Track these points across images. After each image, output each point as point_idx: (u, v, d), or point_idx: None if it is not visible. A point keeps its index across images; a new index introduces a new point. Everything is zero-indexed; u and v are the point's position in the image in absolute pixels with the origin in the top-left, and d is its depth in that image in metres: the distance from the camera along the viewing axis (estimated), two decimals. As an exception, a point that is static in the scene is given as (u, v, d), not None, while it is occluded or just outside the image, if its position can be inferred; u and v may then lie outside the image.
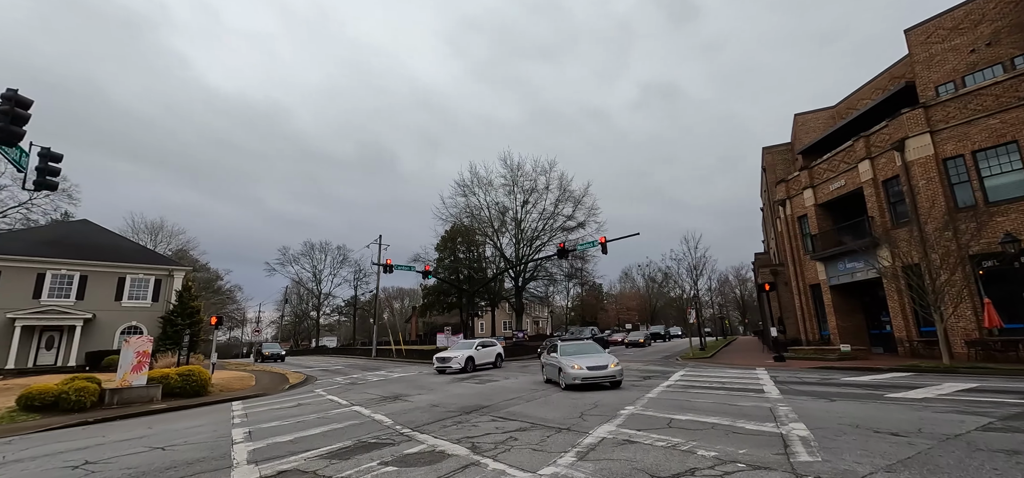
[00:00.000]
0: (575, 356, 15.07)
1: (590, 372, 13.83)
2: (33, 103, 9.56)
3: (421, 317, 71.21)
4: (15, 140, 9.50)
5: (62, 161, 11.24)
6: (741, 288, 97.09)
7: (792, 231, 27.71)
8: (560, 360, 14.82)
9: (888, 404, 8.95)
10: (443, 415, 10.54)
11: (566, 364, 14.29)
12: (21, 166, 10.33)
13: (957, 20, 20.42)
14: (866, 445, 5.92)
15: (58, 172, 11.07)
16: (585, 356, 15.05)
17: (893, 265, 18.95)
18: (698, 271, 34.55)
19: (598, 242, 27.99)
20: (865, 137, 21.47)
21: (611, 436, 7.35)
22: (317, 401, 14.92)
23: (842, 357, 20.10)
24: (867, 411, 8.27)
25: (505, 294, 50.75)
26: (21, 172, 10.35)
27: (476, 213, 46.21)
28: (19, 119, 9.36)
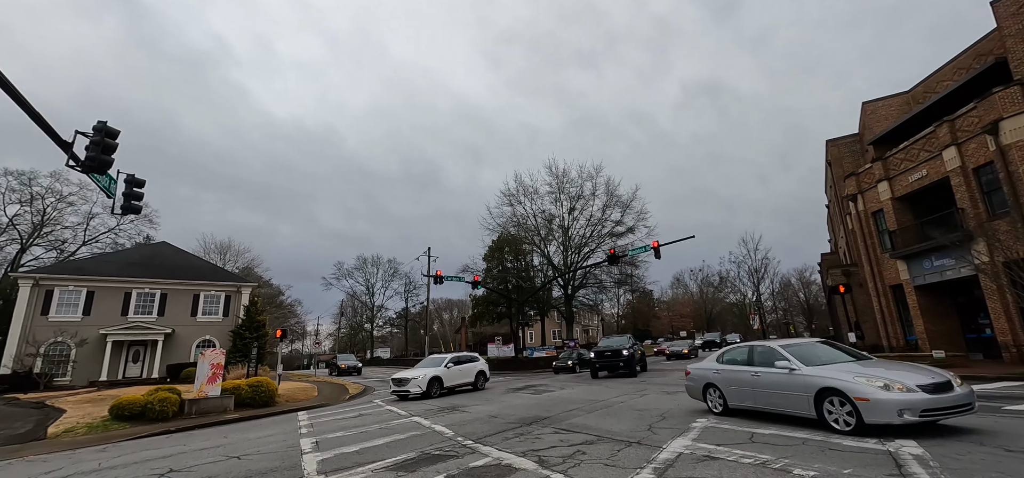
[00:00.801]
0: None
1: None
2: (120, 133, 10.34)
3: (471, 327, 71.81)
4: (105, 168, 10.29)
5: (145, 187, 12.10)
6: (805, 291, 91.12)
7: (866, 228, 25.58)
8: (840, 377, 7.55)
9: (1010, 418, 7.85)
10: (503, 426, 10.33)
11: None
12: (110, 192, 11.17)
13: (1058, -16, 18.21)
14: (1002, 466, 5.12)
15: (141, 197, 11.90)
16: None
17: (992, 260, 17.01)
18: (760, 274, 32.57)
19: (651, 246, 27.04)
20: (949, 122, 19.50)
21: (689, 451, 6.84)
22: (377, 412, 15.14)
23: (936, 364, 18.13)
24: (987, 425, 7.27)
25: (554, 303, 50.13)
26: (110, 198, 11.20)
27: (523, 222, 46.10)
28: (108, 148, 10.14)
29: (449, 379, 19.72)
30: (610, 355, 23.31)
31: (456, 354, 21.72)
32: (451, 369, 20.04)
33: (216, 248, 66.71)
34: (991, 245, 17.16)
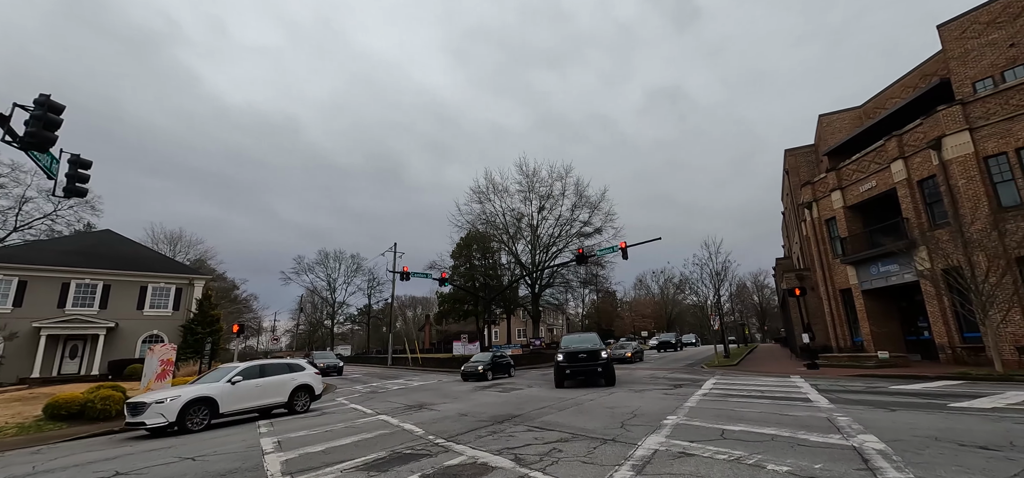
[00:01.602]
0: None
1: None
2: (65, 109, 9.49)
3: (436, 325, 70.99)
4: (47, 145, 9.42)
5: (91, 169, 11.17)
6: (759, 294, 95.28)
7: (819, 234, 26.93)
8: None
9: (957, 414, 8.35)
10: (475, 425, 10.15)
11: None
12: (52, 173, 10.25)
13: (994, 14, 19.71)
14: (959, 460, 5.40)
15: (87, 179, 10.99)
16: None
17: (933, 267, 18.20)
18: (721, 277, 33.73)
19: (618, 247, 27.49)
20: (897, 136, 20.76)
21: (664, 448, 6.90)
22: (342, 410, 14.63)
23: (880, 364, 19.30)
24: (938, 422, 7.70)
25: (521, 301, 50.29)
26: (52, 179, 10.28)
27: (492, 220, 45.99)
28: (51, 124, 9.28)
29: (233, 401, 13.18)
30: (585, 359, 17.77)
31: (261, 362, 15.23)
32: (240, 386, 13.47)
33: (166, 238, 63.10)
34: (932, 253, 18.37)
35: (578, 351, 18.06)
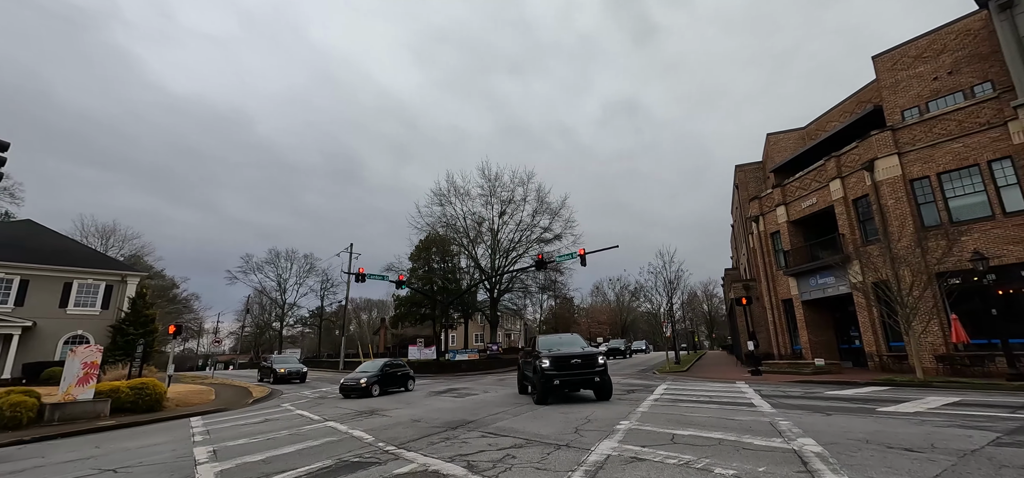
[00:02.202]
0: None
1: None
2: (-26, 80, 8.51)
3: (392, 329, 69.35)
4: (-50, 121, 8.41)
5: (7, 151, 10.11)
6: (709, 303, 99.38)
7: (765, 247, 28.35)
8: None
9: (885, 418, 8.90)
10: (428, 431, 9.89)
11: None
12: (-44, 151, 9.18)
13: (921, 49, 21.51)
14: (888, 462, 5.71)
15: (4, 161, 9.94)
16: None
17: (864, 280, 19.49)
18: (674, 285, 34.87)
19: (577, 254, 27.83)
20: (836, 157, 22.19)
21: (616, 453, 6.93)
22: (286, 416, 13.93)
23: (817, 371, 20.46)
24: (869, 425, 8.17)
25: (479, 306, 49.97)
26: (-44, 158, 9.20)
27: (452, 223, 45.53)
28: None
29: None
30: (580, 365, 13.95)
31: None
32: None
33: (97, 232, 58.44)
34: (864, 267, 19.69)
35: (570, 356, 14.08)
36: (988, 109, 17.38)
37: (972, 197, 17.61)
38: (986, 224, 16.98)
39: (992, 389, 12.79)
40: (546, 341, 15.78)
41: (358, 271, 31.50)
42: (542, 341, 15.62)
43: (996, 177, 17.01)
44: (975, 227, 17.17)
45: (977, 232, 17.05)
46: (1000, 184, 16.91)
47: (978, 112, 17.70)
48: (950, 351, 17.14)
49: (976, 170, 17.55)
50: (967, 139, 17.75)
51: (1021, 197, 16.41)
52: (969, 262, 15.68)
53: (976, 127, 17.57)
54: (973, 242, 16.83)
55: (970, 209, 17.58)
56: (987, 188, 17.15)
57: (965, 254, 16.40)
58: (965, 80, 20.07)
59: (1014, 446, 6.21)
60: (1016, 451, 5.94)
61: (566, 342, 15.68)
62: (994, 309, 15.66)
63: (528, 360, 15.68)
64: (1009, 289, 16.50)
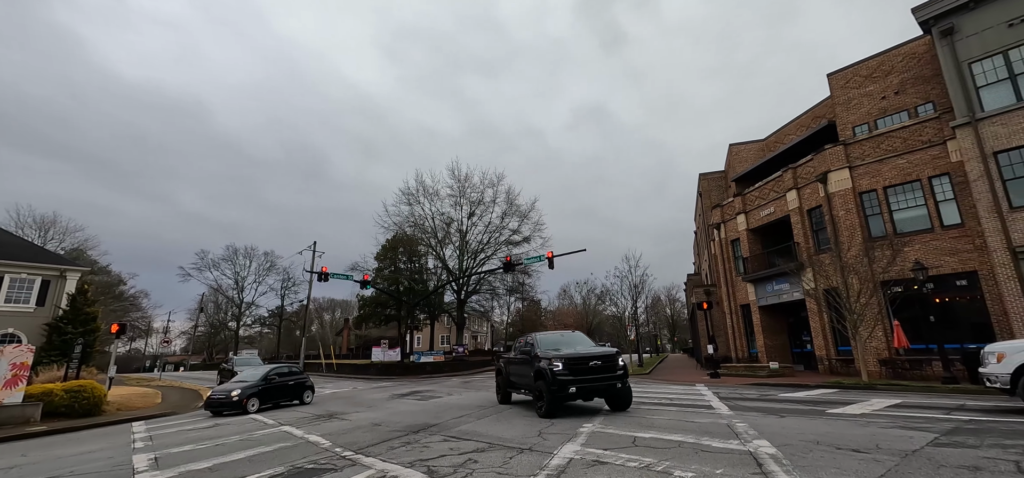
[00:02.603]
0: None
1: None
2: None
3: (355, 329, 67.76)
4: None
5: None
6: (671, 308, 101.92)
7: (726, 254, 29.27)
8: None
9: (834, 420, 9.26)
10: (388, 435, 9.62)
11: None
12: None
13: (871, 69, 22.75)
14: (837, 462, 5.91)
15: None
16: None
17: (816, 288, 20.39)
18: (639, 290, 35.56)
19: (545, 257, 27.93)
20: (792, 169, 23.16)
21: (578, 456, 6.90)
22: (239, 420, 13.29)
23: (772, 374, 21.24)
24: (819, 427, 8.47)
25: (446, 307, 49.47)
26: None
27: (420, 223, 44.90)
28: None
29: None
30: (600, 368, 11.31)
31: None
32: None
33: (35, 223, 54.33)
34: (816, 274, 20.58)
35: (587, 357, 11.25)
36: (930, 128, 18.53)
37: (914, 210, 18.72)
38: (926, 236, 18.08)
39: (930, 391, 13.58)
40: (548, 340, 12.93)
41: (321, 270, 30.60)
42: (542, 340, 12.84)
43: (936, 192, 18.14)
44: (916, 239, 18.25)
45: (918, 243, 18.13)
46: (939, 199, 18.05)
47: (921, 131, 18.84)
48: (892, 355, 18.14)
49: (918, 185, 18.67)
50: (911, 156, 18.86)
51: (957, 212, 17.56)
52: (910, 272, 16.63)
53: (919, 145, 18.70)
54: (914, 253, 17.89)
55: (912, 222, 18.68)
56: (928, 202, 18.27)
57: (907, 264, 17.39)
58: (910, 100, 21.36)
59: (950, 446, 6.55)
60: (952, 451, 6.26)
61: (572, 341, 12.94)
62: (932, 316, 16.67)
63: (519, 363, 13.11)
64: (945, 298, 17.63)
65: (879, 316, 18.25)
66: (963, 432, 7.51)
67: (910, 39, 21.60)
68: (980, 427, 7.88)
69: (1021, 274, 15.18)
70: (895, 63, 22.00)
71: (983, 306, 16.65)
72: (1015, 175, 15.73)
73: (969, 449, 6.34)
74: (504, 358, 14.86)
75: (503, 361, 14.79)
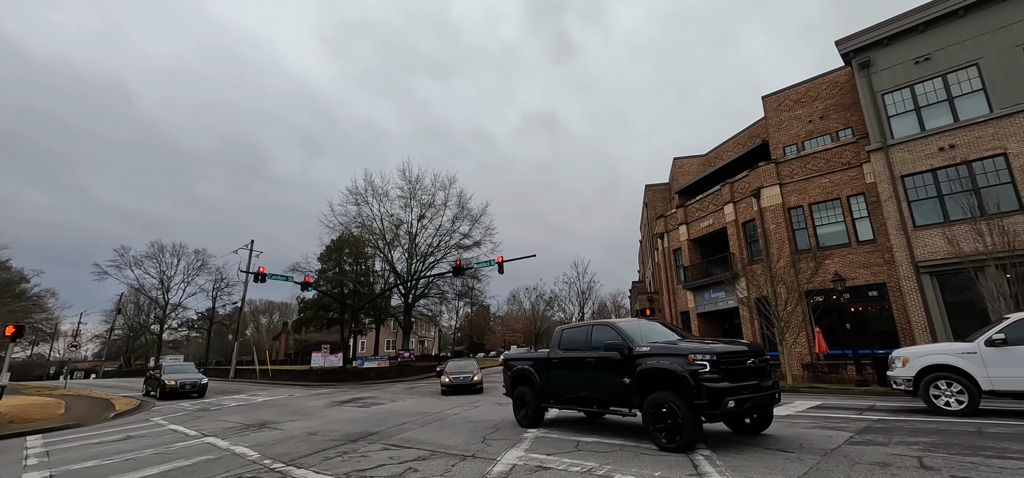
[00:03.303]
0: None
1: None
2: None
3: (295, 334, 64.59)
4: None
5: None
6: (616, 314, 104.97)
7: (668, 262, 30.50)
8: None
9: (762, 421, 9.77)
10: (324, 445, 9.12)
11: None
12: None
13: (800, 95, 24.59)
14: (765, 463, 6.19)
15: None
16: None
17: (748, 296, 21.63)
18: (586, 296, 36.26)
19: (495, 261, 27.91)
20: (730, 183, 24.52)
21: (522, 462, 6.83)
22: (155, 432, 12.16)
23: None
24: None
25: (392, 311, 48.23)
26: None
27: (368, 224, 43.54)
28: None
29: None
30: (755, 369, 7.49)
31: None
32: None
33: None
34: (749, 283, 21.86)
35: (742, 354, 7.45)
36: (849, 151, 20.23)
37: (835, 226, 20.33)
38: (844, 250, 19.67)
39: (845, 394, 14.72)
40: (633, 328, 8.83)
41: (258, 270, 28.86)
42: (629, 327, 8.82)
43: (853, 210, 19.81)
44: (836, 252, 19.81)
45: (837, 257, 19.69)
46: (856, 216, 19.71)
47: (841, 154, 20.52)
48: (813, 360, 19.53)
49: (838, 203, 20.30)
50: (832, 176, 20.49)
51: (870, 229, 19.24)
52: (831, 282, 18.03)
53: (839, 166, 20.36)
54: (834, 265, 19.39)
55: (833, 236, 20.27)
56: (846, 219, 19.91)
57: (828, 275, 18.82)
58: (833, 125, 23.26)
59: (863, 444, 7.07)
60: (865, 449, 6.76)
61: (653, 331, 8.94)
62: (847, 324, 18.15)
63: (585, 367, 9.10)
64: (859, 307, 19.23)
65: (803, 323, 19.61)
66: (874, 431, 8.14)
67: (834, 69, 23.54)
68: (888, 426, 8.59)
69: (922, 287, 16.83)
70: (821, 90, 23.90)
71: (891, 315, 18.31)
72: (918, 197, 17.46)
73: (879, 446, 6.87)
74: (531, 360, 10.64)
75: (530, 364, 10.51)
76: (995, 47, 16.51)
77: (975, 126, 16.49)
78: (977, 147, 16.36)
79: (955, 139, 16.81)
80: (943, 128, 17.15)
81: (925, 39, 17.97)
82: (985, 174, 16.18)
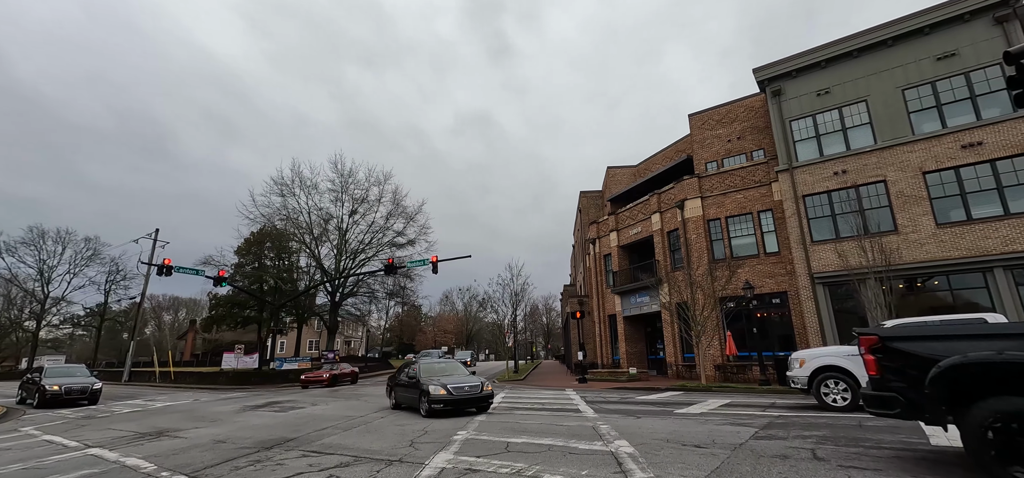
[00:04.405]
0: None
1: None
2: None
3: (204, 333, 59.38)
4: None
5: None
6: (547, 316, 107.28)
7: (599, 267, 31.63)
8: None
9: (680, 419, 10.37)
10: (234, 453, 8.38)
11: None
12: None
13: (722, 115, 26.59)
14: (681, 458, 6.54)
15: None
16: None
17: (670, 301, 22.97)
18: (519, 298, 36.68)
19: (430, 261, 27.39)
20: (658, 194, 25.93)
21: (451, 466, 6.69)
22: (24, 444, 10.55)
23: (631, 378, 23.33)
24: (668, 426, 9.40)
25: (318, 310, 45.82)
26: None
27: (294, 217, 40.94)
28: None
29: None
30: None
31: None
32: None
33: None
34: (671, 289, 23.22)
35: None
36: (760, 171, 22.15)
37: (747, 238, 22.15)
38: (754, 261, 21.49)
39: (751, 392, 16.04)
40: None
41: (163, 262, 26.10)
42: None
43: (762, 224, 21.70)
44: (747, 262, 21.59)
45: (748, 266, 21.45)
46: (764, 230, 21.61)
47: (754, 172, 22.43)
48: (724, 361, 21.12)
49: (750, 217, 22.15)
50: (746, 192, 22.32)
51: (776, 242, 21.17)
52: (742, 290, 19.61)
53: (752, 183, 22.23)
54: (745, 274, 21.12)
55: (745, 247, 22.08)
56: (756, 232, 21.77)
57: (739, 283, 20.46)
58: (748, 145, 25.38)
59: (767, 439, 7.70)
60: (768, 443, 7.36)
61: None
62: (755, 328, 19.84)
63: None
64: (764, 313, 21.08)
65: (717, 327, 21.13)
66: (775, 426, 8.91)
67: (751, 94, 25.70)
68: (787, 422, 9.44)
69: (816, 296, 18.80)
70: (739, 112, 25.99)
71: (790, 321, 20.26)
72: (816, 215, 19.50)
73: (779, 440, 7.52)
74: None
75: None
76: (880, 87, 18.87)
77: (862, 155, 18.73)
78: (863, 173, 18.59)
79: (846, 165, 18.99)
80: (837, 155, 19.32)
81: (826, 74, 20.15)
82: (869, 197, 18.42)
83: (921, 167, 17.51)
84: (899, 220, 17.56)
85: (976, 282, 16.18)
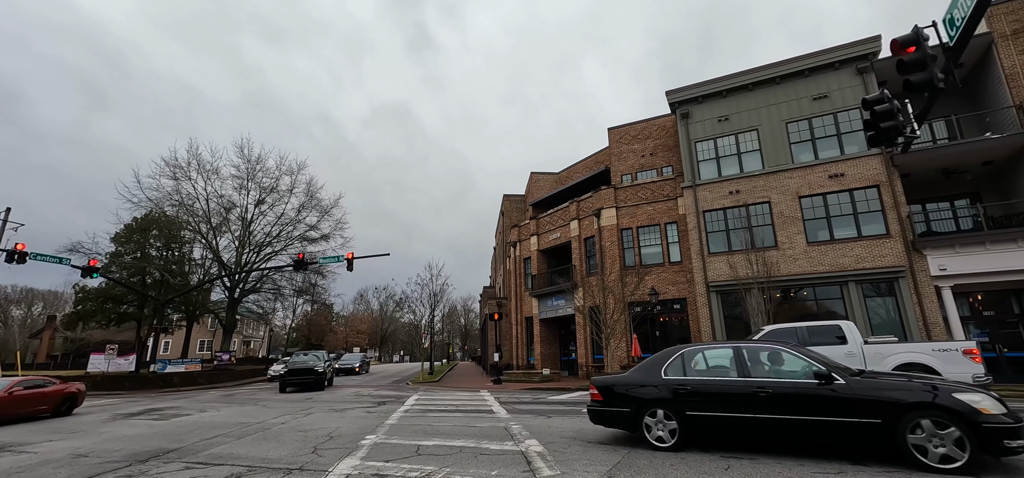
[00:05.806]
0: None
1: None
2: None
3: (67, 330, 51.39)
4: None
5: None
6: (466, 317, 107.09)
7: (518, 270, 32.17)
8: None
9: (584, 417, 10.82)
10: (98, 468, 7.31)
11: None
12: None
13: (637, 132, 28.36)
14: (587, 455, 6.83)
15: None
16: None
17: (584, 305, 23.99)
18: (437, 299, 36.13)
19: (345, 257, 26.06)
20: (577, 202, 26.99)
21: (357, 472, 6.38)
22: None
23: (544, 379, 23.99)
24: (576, 425, 9.78)
25: (213, 306, 41.62)
26: None
27: (189, 203, 36.70)
28: None
29: None
30: None
31: None
32: None
33: None
34: (585, 294, 24.26)
35: None
36: (668, 186, 23.93)
37: (654, 248, 23.79)
38: (660, 269, 23.13)
39: (653, 391, 17.20)
40: None
41: (16, 247, 22.18)
42: None
43: (668, 236, 23.44)
44: (653, 270, 23.18)
45: (654, 274, 23.05)
46: (670, 241, 23.36)
47: (663, 187, 24.17)
48: (630, 362, 22.48)
49: (658, 229, 23.82)
50: (656, 205, 23.98)
51: (679, 252, 22.98)
52: (648, 295, 21.01)
53: (660, 197, 23.94)
54: (652, 281, 22.66)
55: (652, 256, 23.69)
56: (663, 243, 23.46)
57: (646, 289, 21.91)
58: (659, 161, 27.33)
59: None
60: (665, 437, 7.92)
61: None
62: (657, 331, 21.35)
63: None
64: (667, 317, 22.78)
65: (625, 330, 22.46)
66: (672, 422, 9.62)
67: (663, 115, 27.69)
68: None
69: (710, 303, 20.69)
70: (652, 131, 27.90)
71: (688, 325, 22.08)
72: (713, 230, 21.48)
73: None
74: None
75: None
76: (769, 118, 21.27)
77: (752, 178, 20.98)
78: (753, 194, 20.82)
79: (739, 186, 21.14)
80: (733, 176, 21.45)
81: (727, 103, 22.30)
82: (756, 216, 20.66)
83: (798, 192, 20.01)
84: (779, 237, 19.89)
85: (835, 294, 18.81)
